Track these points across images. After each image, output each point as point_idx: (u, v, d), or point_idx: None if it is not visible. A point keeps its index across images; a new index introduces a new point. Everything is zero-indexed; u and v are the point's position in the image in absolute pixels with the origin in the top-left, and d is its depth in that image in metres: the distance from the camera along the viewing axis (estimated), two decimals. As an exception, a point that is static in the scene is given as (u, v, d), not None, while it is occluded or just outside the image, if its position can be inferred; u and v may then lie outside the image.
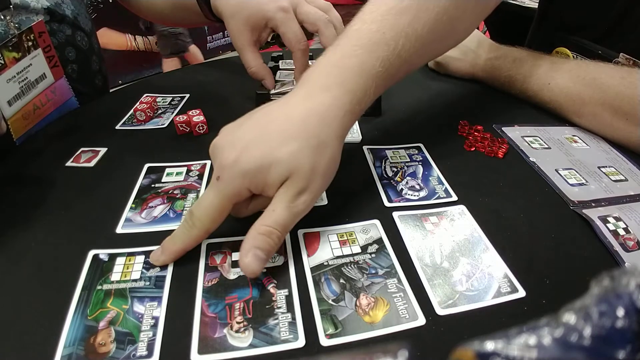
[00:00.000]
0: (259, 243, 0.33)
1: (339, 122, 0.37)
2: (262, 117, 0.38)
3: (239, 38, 0.56)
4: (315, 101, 0.37)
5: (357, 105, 0.39)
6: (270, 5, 0.53)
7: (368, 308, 0.32)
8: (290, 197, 0.34)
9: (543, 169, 0.48)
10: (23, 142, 0.53)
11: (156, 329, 0.30)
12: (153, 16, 0.76)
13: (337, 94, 0.38)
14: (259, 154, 0.34)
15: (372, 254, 0.37)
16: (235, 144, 0.35)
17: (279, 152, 0.34)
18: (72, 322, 0.31)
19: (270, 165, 0.34)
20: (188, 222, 0.35)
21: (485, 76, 0.67)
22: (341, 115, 0.37)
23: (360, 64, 0.39)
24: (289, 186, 0.34)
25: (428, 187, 0.45)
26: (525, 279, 0.34)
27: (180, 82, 0.72)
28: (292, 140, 0.34)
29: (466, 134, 0.54)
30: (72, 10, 0.66)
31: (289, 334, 0.30)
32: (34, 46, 0.52)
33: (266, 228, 0.33)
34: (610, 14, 0.60)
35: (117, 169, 0.48)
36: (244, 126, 0.37)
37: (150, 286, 0.33)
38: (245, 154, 0.34)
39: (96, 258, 0.36)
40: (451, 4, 0.42)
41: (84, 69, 0.69)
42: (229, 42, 3.80)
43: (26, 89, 0.52)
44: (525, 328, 0.14)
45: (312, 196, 0.35)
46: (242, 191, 0.35)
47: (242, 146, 0.34)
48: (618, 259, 0.36)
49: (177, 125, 0.54)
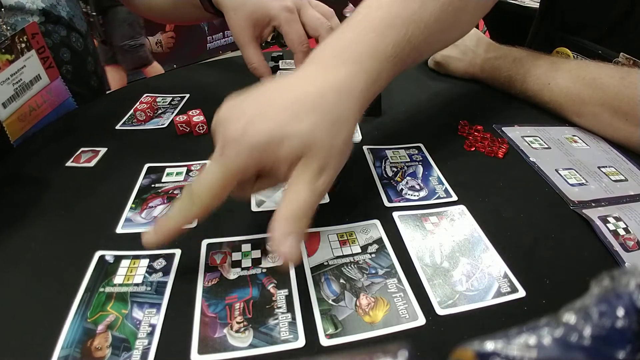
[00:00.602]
0: (291, 228, 0.30)
1: (356, 99, 0.35)
2: (273, 90, 0.35)
3: (241, 33, 0.55)
4: (332, 76, 0.35)
5: (371, 85, 0.37)
6: (274, 3, 0.53)
7: (368, 308, 0.32)
8: (312, 177, 0.31)
9: (543, 169, 0.48)
10: (22, 142, 0.53)
11: (152, 337, 0.30)
12: (154, 14, 0.75)
13: (353, 71, 0.36)
14: (270, 127, 0.31)
15: (372, 254, 0.37)
16: (243, 115, 0.32)
17: (293, 126, 0.31)
18: (72, 324, 0.31)
19: (282, 140, 0.31)
20: (186, 199, 0.32)
21: (485, 76, 0.67)
22: (358, 92, 0.35)
23: (374, 46, 0.38)
24: (307, 164, 0.32)
25: (428, 187, 0.45)
26: (525, 279, 0.34)
27: (180, 82, 0.72)
28: (308, 114, 0.32)
29: (466, 134, 0.54)
30: (67, 12, 0.66)
31: (289, 334, 0.30)
32: (27, 48, 0.52)
33: (296, 213, 0.31)
34: (611, 14, 0.60)
35: (117, 169, 0.48)
36: (253, 97, 0.34)
37: (151, 292, 0.33)
38: (254, 126, 0.31)
39: (102, 259, 0.36)
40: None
41: (78, 70, 0.69)
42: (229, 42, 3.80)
43: (21, 90, 0.52)
44: (525, 328, 0.14)
45: (330, 176, 0.33)
46: (249, 167, 0.32)
47: (251, 118, 0.32)
48: (618, 259, 0.36)
49: (177, 125, 0.54)
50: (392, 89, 0.67)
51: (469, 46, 0.69)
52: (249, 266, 0.35)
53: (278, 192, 0.44)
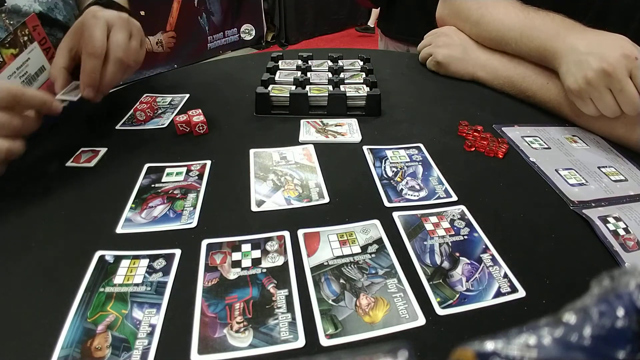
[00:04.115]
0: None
1: None
2: None
3: (60, 47, 0.53)
4: None
5: None
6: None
7: (368, 308, 0.32)
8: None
9: (543, 169, 0.48)
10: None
11: (152, 337, 0.30)
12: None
13: None
14: None
15: (372, 254, 0.37)
16: None
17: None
18: (72, 324, 0.31)
19: None
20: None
21: (485, 76, 0.67)
22: None
23: None
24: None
25: (428, 187, 0.45)
26: (525, 279, 0.34)
27: (180, 82, 0.72)
28: None
29: (466, 134, 0.54)
30: (64, 15, 0.66)
31: (289, 334, 0.30)
32: (29, 40, 0.52)
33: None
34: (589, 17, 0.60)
35: (117, 169, 0.48)
36: None
37: (150, 292, 0.33)
38: None
39: (102, 259, 0.36)
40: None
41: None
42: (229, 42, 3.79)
43: (27, 82, 0.52)
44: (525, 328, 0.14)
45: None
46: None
47: None
48: (618, 259, 0.36)
49: (177, 125, 0.54)
50: (392, 89, 0.67)
51: (469, 47, 0.69)
52: (249, 266, 0.35)
53: (278, 192, 0.44)
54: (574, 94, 0.52)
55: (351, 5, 4.29)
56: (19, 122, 0.43)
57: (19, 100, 0.42)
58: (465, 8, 0.69)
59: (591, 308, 0.14)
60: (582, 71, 0.49)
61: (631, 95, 0.47)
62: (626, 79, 0.46)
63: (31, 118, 0.45)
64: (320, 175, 0.47)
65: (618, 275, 0.15)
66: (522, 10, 0.61)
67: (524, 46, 0.59)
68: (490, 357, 0.14)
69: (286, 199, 0.43)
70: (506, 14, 0.62)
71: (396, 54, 0.98)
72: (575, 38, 0.52)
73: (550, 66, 0.57)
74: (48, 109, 0.45)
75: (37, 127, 0.45)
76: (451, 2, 0.73)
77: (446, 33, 0.73)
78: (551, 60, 0.55)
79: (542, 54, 0.57)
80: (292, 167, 0.48)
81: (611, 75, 0.47)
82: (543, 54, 0.57)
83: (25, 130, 0.44)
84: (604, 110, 0.50)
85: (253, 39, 2.37)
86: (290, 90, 0.59)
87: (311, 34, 4.22)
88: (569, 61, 0.51)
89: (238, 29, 2.41)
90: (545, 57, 0.56)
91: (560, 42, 0.53)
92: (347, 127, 0.56)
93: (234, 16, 2.41)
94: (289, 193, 0.44)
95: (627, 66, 0.46)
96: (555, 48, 0.54)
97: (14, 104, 0.42)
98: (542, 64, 0.59)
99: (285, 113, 0.59)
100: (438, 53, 0.72)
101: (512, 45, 0.62)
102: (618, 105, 0.48)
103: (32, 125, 0.45)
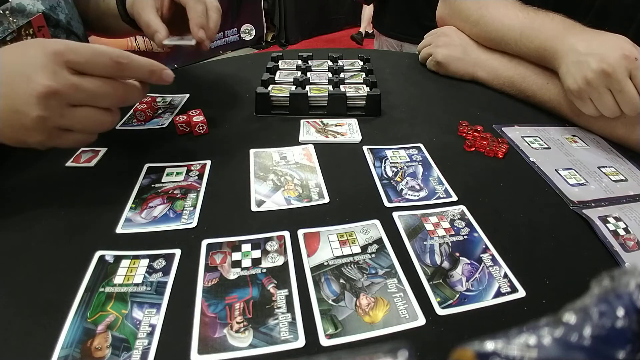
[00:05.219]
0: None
1: None
2: None
3: (145, 7, 0.55)
4: None
5: None
6: None
7: (368, 308, 0.32)
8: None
9: (543, 169, 0.48)
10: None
11: (152, 337, 0.30)
12: (89, 27, 0.74)
13: None
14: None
15: (372, 254, 0.37)
16: None
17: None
18: (72, 324, 0.31)
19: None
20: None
21: (485, 76, 0.67)
22: None
23: None
24: None
25: (428, 187, 0.45)
26: (525, 279, 0.34)
27: (180, 82, 0.72)
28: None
29: (466, 134, 0.54)
30: (65, 15, 0.66)
31: (289, 334, 0.30)
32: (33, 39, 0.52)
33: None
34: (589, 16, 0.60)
35: (117, 169, 0.48)
36: None
37: (150, 292, 0.33)
38: None
39: (102, 259, 0.36)
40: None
41: None
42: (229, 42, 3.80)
43: None
44: (525, 328, 0.14)
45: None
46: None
47: None
48: (618, 259, 0.36)
49: (177, 125, 0.54)
50: (392, 89, 0.67)
51: (469, 46, 0.69)
52: (249, 266, 0.35)
53: (278, 192, 0.44)
54: (574, 95, 0.52)
55: (351, 5, 4.29)
56: (123, 93, 0.39)
57: (123, 69, 0.38)
58: (465, 8, 0.69)
59: (591, 308, 0.14)
60: (582, 72, 0.49)
61: (631, 96, 0.47)
62: (626, 80, 0.46)
63: (137, 88, 0.40)
64: (320, 175, 0.47)
65: (618, 275, 0.15)
66: (522, 10, 0.61)
67: (524, 46, 0.59)
68: (490, 357, 0.14)
69: (286, 199, 0.43)
70: (506, 14, 0.62)
71: (396, 54, 0.98)
72: (575, 38, 0.52)
73: (550, 66, 0.57)
74: (158, 78, 0.41)
75: (142, 98, 0.41)
76: (451, 2, 0.73)
77: (446, 33, 0.73)
78: (551, 61, 0.55)
79: (541, 54, 0.57)
80: (292, 167, 0.48)
81: (611, 75, 0.47)
82: (543, 54, 0.57)
83: (130, 102, 0.40)
84: (603, 110, 0.50)
85: (253, 39, 2.37)
86: (290, 90, 0.59)
87: (311, 34, 4.22)
88: (569, 61, 0.51)
89: (238, 29, 2.41)
90: (545, 57, 0.56)
91: (560, 43, 0.53)
92: (347, 127, 0.56)
93: (234, 16, 2.41)
94: (289, 193, 0.44)
95: (627, 67, 0.46)
96: (555, 48, 0.54)
97: (119, 73, 0.38)
98: (542, 64, 0.59)
99: (285, 113, 0.59)
100: (438, 53, 0.72)
101: (512, 45, 0.62)
102: (618, 106, 0.48)
103: (137, 96, 0.41)
